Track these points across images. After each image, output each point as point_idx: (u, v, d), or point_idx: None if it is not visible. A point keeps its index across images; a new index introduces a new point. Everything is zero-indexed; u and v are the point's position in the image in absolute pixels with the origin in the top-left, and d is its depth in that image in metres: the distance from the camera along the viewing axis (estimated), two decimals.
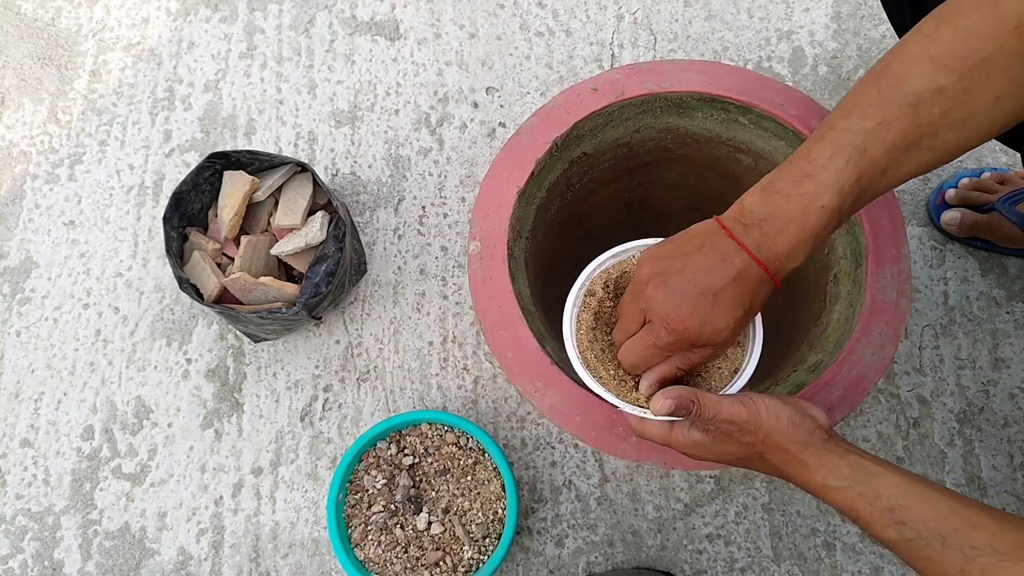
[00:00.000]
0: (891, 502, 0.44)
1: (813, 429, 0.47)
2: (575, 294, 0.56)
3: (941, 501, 0.43)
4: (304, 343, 0.93)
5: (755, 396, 0.48)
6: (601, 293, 0.56)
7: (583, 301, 0.56)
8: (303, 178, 0.88)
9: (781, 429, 0.47)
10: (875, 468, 0.45)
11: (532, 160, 0.66)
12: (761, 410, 0.47)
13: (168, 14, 1.08)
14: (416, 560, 0.77)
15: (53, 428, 0.92)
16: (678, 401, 0.47)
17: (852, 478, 0.45)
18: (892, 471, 0.45)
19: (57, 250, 0.99)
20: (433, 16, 1.05)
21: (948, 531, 0.42)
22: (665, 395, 0.47)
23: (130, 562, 0.87)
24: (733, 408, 0.47)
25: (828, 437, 0.48)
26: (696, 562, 0.83)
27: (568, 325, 0.55)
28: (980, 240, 0.89)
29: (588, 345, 0.55)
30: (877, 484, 0.45)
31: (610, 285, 0.56)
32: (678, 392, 0.48)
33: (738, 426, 0.47)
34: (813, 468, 0.47)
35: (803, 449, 0.47)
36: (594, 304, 0.56)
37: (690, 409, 0.47)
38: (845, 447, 0.47)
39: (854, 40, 1.00)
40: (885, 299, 0.61)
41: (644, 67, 0.67)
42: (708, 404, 0.47)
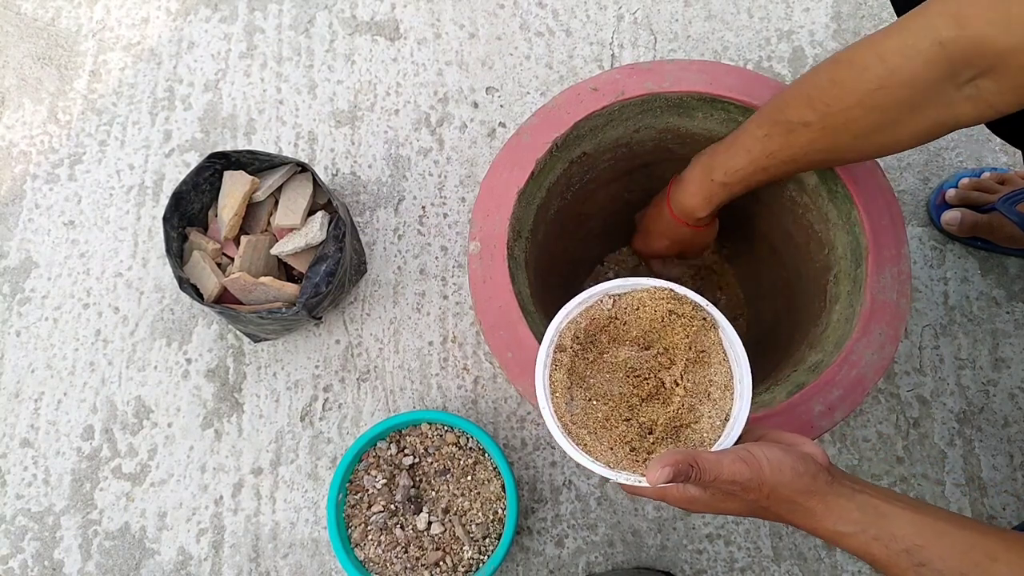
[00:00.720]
0: (907, 543, 0.43)
1: (816, 473, 0.45)
2: (545, 352, 0.51)
3: (958, 535, 0.43)
4: (304, 343, 0.93)
5: (755, 450, 0.46)
6: (572, 346, 0.51)
7: (554, 359, 0.51)
8: (303, 178, 0.88)
9: (785, 481, 0.45)
10: (886, 507, 0.44)
11: (532, 160, 0.66)
12: (764, 466, 0.45)
13: (168, 14, 1.08)
14: (416, 560, 0.77)
15: (53, 428, 0.92)
16: (676, 468, 0.44)
17: (863, 522, 0.44)
18: (903, 507, 0.44)
19: (57, 250, 0.99)
20: (433, 16, 1.05)
21: (969, 567, 0.41)
22: (661, 462, 0.44)
23: (130, 562, 0.87)
24: (735, 467, 0.44)
25: (832, 479, 0.46)
26: (696, 562, 0.83)
27: (542, 390, 0.50)
28: (980, 240, 0.89)
29: (566, 409, 0.50)
30: (890, 525, 0.44)
31: (580, 336, 0.52)
32: (675, 458, 0.44)
33: (740, 485, 0.45)
34: (822, 516, 0.45)
35: (810, 498, 0.45)
36: (566, 360, 0.51)
37: (689, 475, 0.44)
38: (850, 487, 0.46)
39: (854, 40, 1.00)
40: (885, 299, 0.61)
41: (644, 67, 0.67)
42: (708, 467, 0.44)
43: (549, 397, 0.50)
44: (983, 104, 0.47)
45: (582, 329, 0.52)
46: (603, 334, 0.53)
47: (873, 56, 0.49)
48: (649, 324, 0.52)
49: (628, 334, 0.53)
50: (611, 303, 0.53)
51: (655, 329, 0.52)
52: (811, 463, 0.46)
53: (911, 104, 0.49)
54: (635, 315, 0.52)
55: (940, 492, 0.84)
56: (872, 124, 0.51)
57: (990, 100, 0.47)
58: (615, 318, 0.53)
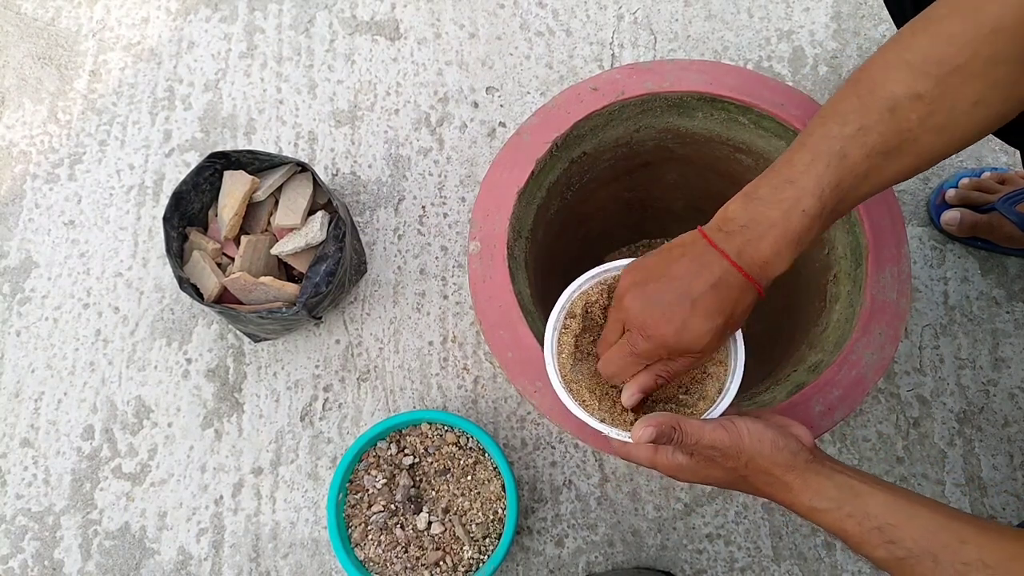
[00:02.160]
0: (880, 521, 0.44)
1: (797, 450, 0.47)
2: (555, 317, 0.55)
3: (930, 517, 0.43)
4: (304, 343, 0.93)
5: (737, 420, 0.48)
6: (582, 315, 0.55)
7: (563, 324, 0.55)
8: (303, 178, 0.88)
9: (764, 452, 0.46)
10: (862, 487, 0.45)
11: (532, 160, 0.66)
12: (743, 434, 0.47)
13: (168, 14, 1.08)
14: (416, 560, 0.77)
15: (53, 428, 0.92)
16: (659, 428, 0.46)
17: (839, 499, 0.45)
18: (880, 489, 0.45)
19: (57, 250, 0.99)
20: (433, 16, 1.05)
21: (938, 548, 0.42)
22: (646, 423, 0.47)
23: (130, 562, 0.87)
24: (715, 434, 0.47)
25: (813, 457, 0.47)
26: (696, 562, 0.83)
27: (549, 349, 0.54)
28: (980, 240, 0.89)
29: (570, 369, 0.54)
30: (865, 503, 0.44)
31: (591, 308, 0.55)
32: (659, 419, 0.47)
33: (720, 451, 0.47)
34: (798, 490, 0.46)
35: (787, 471, 0.46)
36: (575, 327, 0.55)
37: (671, 436, 0.47)
38: (831, 466, 0.47)
39: (854, 40, 1.00)
40: (885, 299, 0.61)
41: (644, 67, 0.67)
42: (689, 431, 0.47)
43: (556, 356, 0.54)
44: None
45: (593, 301, 0.55)
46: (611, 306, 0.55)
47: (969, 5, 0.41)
48: None
49: None
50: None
51: None
52: (792, 440, 0.47)
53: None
54: None
55: (940, 492, 0.84)
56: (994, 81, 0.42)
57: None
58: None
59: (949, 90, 0.43)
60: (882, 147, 0.45)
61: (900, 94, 0.44)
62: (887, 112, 0.44)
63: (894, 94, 0.44)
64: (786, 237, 0.46)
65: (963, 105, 0.43)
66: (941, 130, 0.44)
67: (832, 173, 0.45)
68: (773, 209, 0.46)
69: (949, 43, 0.42)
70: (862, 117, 0.45)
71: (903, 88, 0.44)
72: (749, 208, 0.47)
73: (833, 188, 0.45)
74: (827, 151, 0.45)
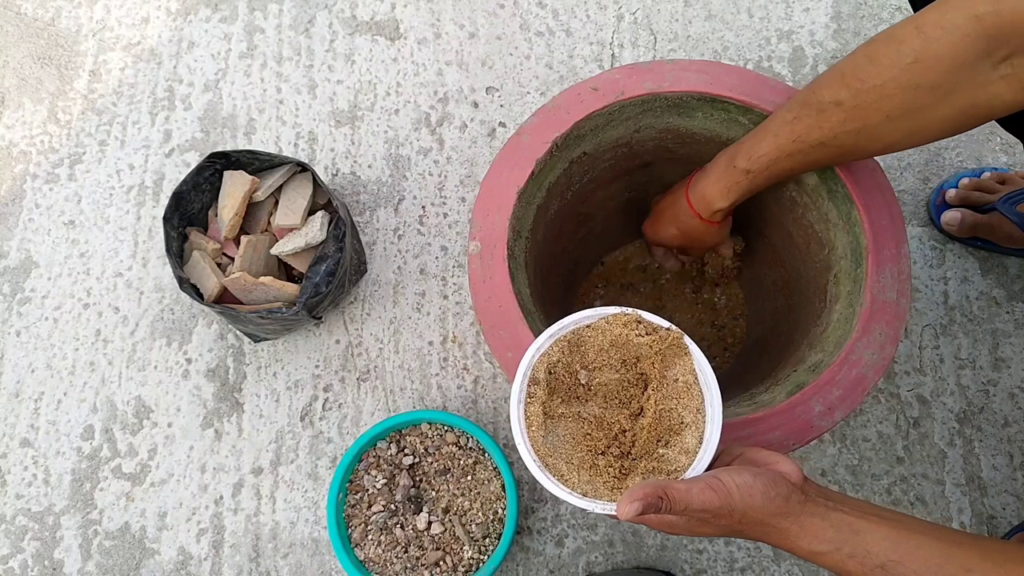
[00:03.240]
0: (882, 558, 0.43)
1: (789, 495, 0.46)
2: (519, 388, 0.51)
3: (932, 548, 0.43)
4: (304, 343, 0.93)
5: (724, 477, 0.46)
6: (546, 380, 0.52)
7: (528, 393, 0.52)
8: (303, 178, 0.88)
9: (756, 505, 0.45)
10: (860, 524, 0.45)
11: (532, 160, 0.66)
12: (733, 492, 0.45)
13: (168, 14, 1.08)
14: (416, 560, 0.77)
15: (53, 428, 0.92)
16: (645, 501, 0.44)
17: (838, 540, 0.44)
18: (877, 522, 0.44)
19: (57, 250, 0.99)
20: (433, 16, 1.05)
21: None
22: (631, 497, 0.44)
23: (130, 562, 0.87)
24: (703, 496, 0.45)
25: (805, 498, 0.46)
26: (696, 562, 0.83)
27: (517, 426, 0.50)
28: (980, 240, 0.89)
29: (542, 442, 0.51)
30: (864, 542, 0.44)
31: (554, 368, 0.52)
32: (644, 492, 0.44)
33: (711, 513, 0.45)
34: (796, 536, 0.45)
35: (782, 519, 0.45)
36: (540, 394, 0.51)
37: (659, 507, 0.45)
38: (824, 505, 0.46)
39: (854, 40, 1.00)
40: (885, 299, 0.61)
41: (644, 67, 0.67)
42: (677, 497, 0.45)
43: (525, 431, 0.51)
44: (1018, 84, 0.47)
45: (555, 362, 0.53)
46: (575, 364, 0.53)
47: (911, 29, 0.49)
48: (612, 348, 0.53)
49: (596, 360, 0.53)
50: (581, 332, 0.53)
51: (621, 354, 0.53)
52: (783, 485, 0.46)
53: (946, 81, 0.48)
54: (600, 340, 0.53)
55: (940, 492, 0.84)
56: (905, 103, 0.50)
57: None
58: (581, 344, 0.53)
59: (864, 103, 0.52)
60: (806, 136, 0.56)
61: (827, 99, 0.54)
62: (816, 111, 0.55)
63: (822, 99, 0.54)
64: (721, 181, 0.65)
65: (876, 118, 0.52)
66: (857, 134, 0.54)
67: (766, 146, 0.59)
68: (722, 161, 0.65)
69: (873, 64, 0.51)
70: (800, 110, 0.56)
71: (830, 95, 0.54)
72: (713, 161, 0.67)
73: (761, 156, 0.60)
74: (768, 129, 0.59)
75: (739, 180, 0.63)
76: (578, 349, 0.53)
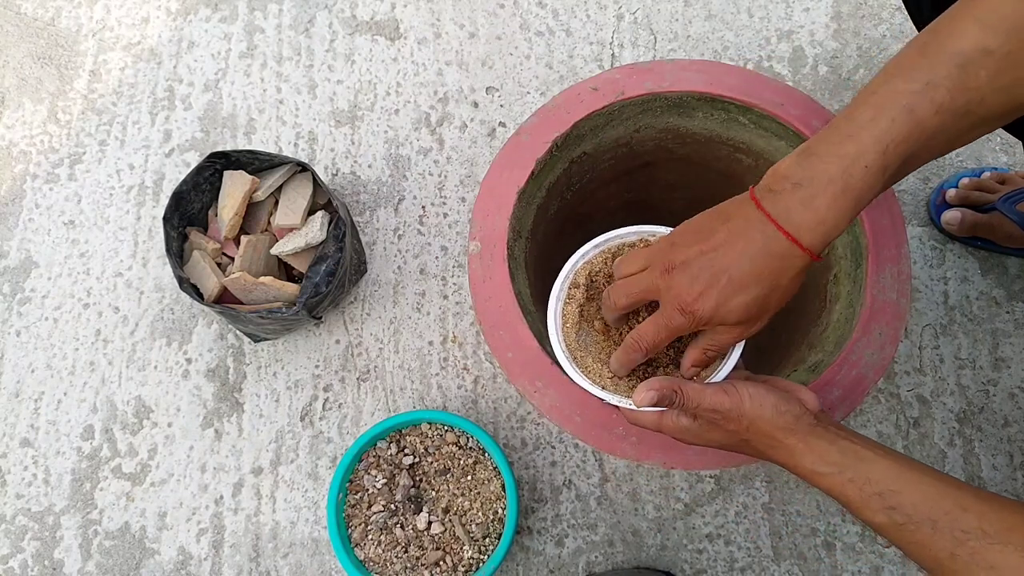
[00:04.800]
0: (881, 487, 0.44)
1: (800, 415, 0.47)
2: (559, 286, 0.55)
3: (932, 484, 0.43)
4: (304, 343, 0.93)
5: (739, 383, 0.48)
6: (586, 285, 0.55)
7: (568, 294, 0.55)
8: (303, 178, 0.88)
9: (766, 416, 0.47)
10: (865, 452, 0.45)
11: (532, 160, 0.66)
12: (744, 398, 0.47)
13: (168, 14, 1.08)
14: (416, 560, 0.77)
15: (53, 428, 0.92)
16: (660, 392, 0.47)
17: (841, 463, 0.45)
18: (883, 455, 0.45)
19: (57, 250, 0.99)
20: (433, 16, 1.05)
21: (938, 514, 0.42)
22: (648, 387, 0.48)
23: (130, 562, 0.87)
24: (716, 397, 0.47)
25: (816, 422, 0.47)
26: (696, 562, 0.83)
27: (553, 319, 0.54)
28: (980, 240, 0.89)
29: (575, 339, 0.54)
30: (867, 469, 0.45)
31: (595, 278, 0.56)
32: (660, 383, 0.48)
33: (721, 414, 0.47)
34: (801, 454, 0.46)
35: (789, 435, 0.47)
36: (579, 297, 0.55)
37: (673, 399, 0.48)
38: (835, 432, 0.47)
39: (854, 40, 1.00)
40: (885, 299, 0.61)
41: (644, 67, 0.67)
42: (691, 394, 0.48)
43: (560, 326, 0.54)
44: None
45: (598, 270, 0.56)
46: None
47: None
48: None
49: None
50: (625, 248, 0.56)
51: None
52: (795, 404, 0.48)
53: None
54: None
55: None
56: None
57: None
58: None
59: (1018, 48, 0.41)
60: (950, 105, 0.42)
61: (969, 49, 0.41)
62: (956, 68, 0.42)
63: (963, 50, 0.41)
64: (845, 194, 0.43)
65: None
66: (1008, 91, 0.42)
67: (898, 129, 0.42)
68: (831, 164, 0.43)
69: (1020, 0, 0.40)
70: (929, 73, 0.42)
71: (971, 43, 0.41)
72: (803, 164, 0.44)
73: (898, 144, 0.42)
74: (893, 106, 0.42)
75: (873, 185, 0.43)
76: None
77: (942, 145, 0.44)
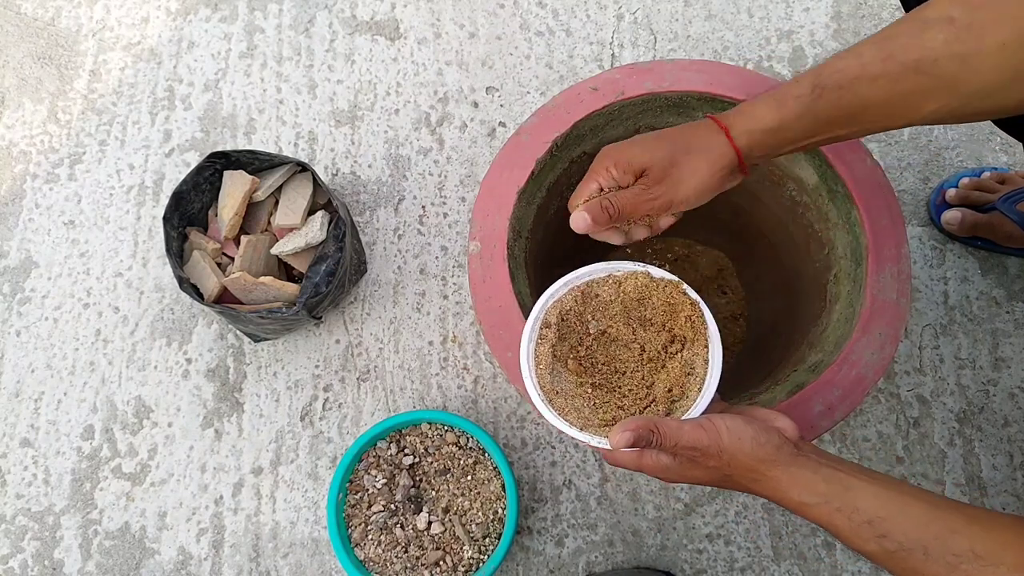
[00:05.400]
0: (870, 515, 0.43)
1: (780, 444, 0.47)
2: (531, 327, 0.54)
3: (920, 508, 0.43)
4: (304, 343, 0.93)
5: (715, 418, 0.47)
6: (557, 324, 0.55)
7: (539, 334, 0.55)
8: (303, 178, 0.88)
9: (745, 449, 0.46)
10: (851, 480, 0.45)
11: (532, 160, 0.66)
12: (722, 433, 0.46)
13: (168, 14, 1.08)
14: (416, 560, 0.77)
15: (53, 428, 0.92)
16: (636, 432, 0.46)
17: (827, 493, 0.45)
18: (869, 481, 0.45)
19: (57, 250, 0.99)
20: (433, 16, 1.05)
21: (929, 540, 0.42)
22: (623, 427, 0.46)
23: (130, 562, 0.87)
24: (693, 434, 0.47)
25: (797, 451, 0.47)
26: (696, 562, 0.83)
27: (526, 360, 0.54)
28: (980, 240, 0.89)
29: (549, 380, 0.53)
30: (854, 497, 0.44)
31: (566, 316, 0.55)
32: (636, 423, 0.46)
33: (700, 451, 0.46)
34: (786, 486, 0.46)
35: (772, 467, 0.46)
36: (551, 336, 0.54)
37: (650, 439, 0.46)
38: (816, 459, 0.46)
39: (854, 40, 1.00)
40: (885, 299, 0.61)
41: (644, 67, 0.67)
42: (668, 432, 0.47)
43: (533, 367, 0.54)
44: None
45: (568, 309, 0.55)
46: (587, 314, 0.56)
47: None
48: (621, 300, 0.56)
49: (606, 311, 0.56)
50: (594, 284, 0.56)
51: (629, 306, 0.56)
52: (774, 435, 0.47)
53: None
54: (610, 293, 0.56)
55: (940, 492, 0.84)
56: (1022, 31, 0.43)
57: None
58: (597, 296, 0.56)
59: (979, 22, 0.44)
60: (901, 55, 0.46)
61: (933, 16, 0.45)
62: (917, 26, 0.46)
63: (928, 16, 0.46)
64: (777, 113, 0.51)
65: (989, 43, 0.43)
66: (962, 60, 0.45)
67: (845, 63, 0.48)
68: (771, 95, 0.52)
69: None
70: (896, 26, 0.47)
71: (938, 11, 0.45)
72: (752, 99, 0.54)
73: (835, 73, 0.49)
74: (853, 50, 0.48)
75: (800, 94, 0.50)
76: (590, 300, 0.56)
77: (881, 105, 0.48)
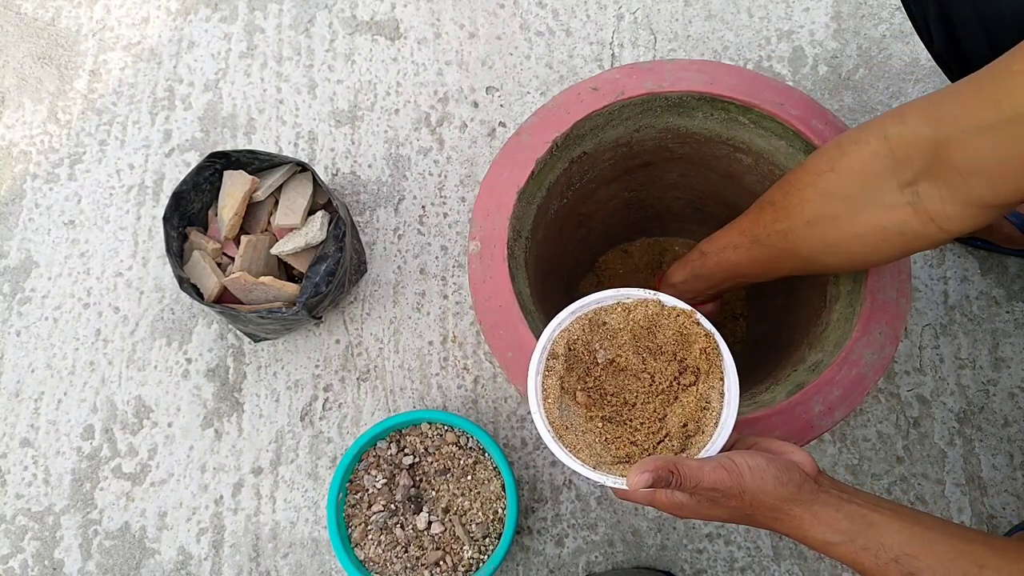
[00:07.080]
0: (896, 551, 0.43)
1: (802, 482, 0.46)
2: (537, 358, 0.52)
3: (946, 543, 0.43)
4: (304, 343, 0.93)
5: (736, 457, 0.46)
6: (565, 355, 0.52)
7: (547, 365, 0.52)
8: (303, 178, 0.88)
9: (768, 489, 0.45)
10: (874, 516, 0.44)
11: (532, 160, 0.66)
12: (744, 473, 0.45)
13: (168, 13, 1.08)
14: (416, 560, 0.77)
15: (53, 428, 0.92)
16: (656, 474, 0.44)
17: (851, 531, 0.44)
18: (892, 516, 0.44)
19: (57, 250, 0.99)
20: (433, 16, 1.05)
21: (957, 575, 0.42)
22: (642, 468, 0.44)
23: (130, 562, 0.87)
24: (715, 475, 0.45)
25: (818, 487, 0.46)
26: (696, 561, 0.83)
27: (534, 394, 0.51)
28: (980, 240, 0.89)
29: (558, 415, 0.51)
30: (878, 534, 0.44)
31: (573, 345, 0.53)
32: (655, 464, 0.44)
33: (721, 492, 0.45)
34: (809, 525, 0.45)
35: (795, 506, 0.45)
36: (559, 368, 0.52)
37: (669, 480, 0.44)
38: (838, 496, 0.46)
39: (854, 40, 1.00)
40: (885, 299, 0.61)
41: (644, 67, 0.67)
42: (688, 473, 0.45)
43: (541, 403, 0.51)
44: (925, 215, 0.48)
45: (575, 339, 0.53)
46: (594, 343, 0.53)
47: (834, 143, 0.53)
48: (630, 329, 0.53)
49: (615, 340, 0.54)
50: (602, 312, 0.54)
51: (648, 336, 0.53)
52: (796, 472, 0.46)
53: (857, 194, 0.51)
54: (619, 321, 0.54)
55: (940, 492, 0.84)
56: (820, 210, 0.53)
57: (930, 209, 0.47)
58: (605, 324, 0.54)
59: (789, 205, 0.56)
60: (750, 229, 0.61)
61: (767, 199, 0.59)
62: (758, 207, 0.60)
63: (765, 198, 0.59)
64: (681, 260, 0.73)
65: (798, 220, 0.55)
66: (785, 236, 0.57)
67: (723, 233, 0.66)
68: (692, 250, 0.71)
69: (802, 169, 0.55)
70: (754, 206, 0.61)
71: (770, 195, 0.59)
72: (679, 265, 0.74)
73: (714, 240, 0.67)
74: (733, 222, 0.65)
75: (693, 258, 0.69)
76: (598, 328, 0.54)
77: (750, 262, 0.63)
